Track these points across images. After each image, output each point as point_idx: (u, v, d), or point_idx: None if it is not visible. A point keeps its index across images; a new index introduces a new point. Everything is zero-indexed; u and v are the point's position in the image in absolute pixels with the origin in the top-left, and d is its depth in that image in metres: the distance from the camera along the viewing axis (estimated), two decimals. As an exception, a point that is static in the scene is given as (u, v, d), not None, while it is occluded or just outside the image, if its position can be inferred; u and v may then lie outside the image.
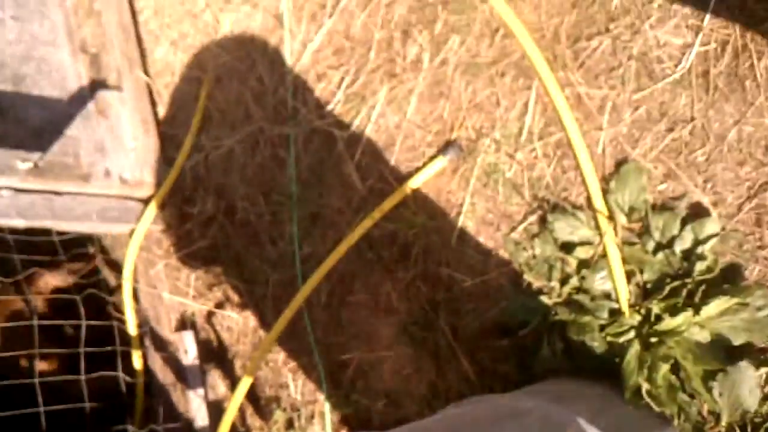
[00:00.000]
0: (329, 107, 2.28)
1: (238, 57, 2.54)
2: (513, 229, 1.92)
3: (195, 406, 2.51)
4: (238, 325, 2.41)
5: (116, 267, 2.64)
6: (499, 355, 1.90)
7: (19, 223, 2.36)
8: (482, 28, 2.05)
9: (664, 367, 1.61)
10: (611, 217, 1.76)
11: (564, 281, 1.80)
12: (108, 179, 2.50)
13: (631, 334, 1.69)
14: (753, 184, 1.70)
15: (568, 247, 1.80)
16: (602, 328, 1.72)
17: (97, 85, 2.82)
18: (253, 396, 2.44)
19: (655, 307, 1.66)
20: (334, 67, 2.30)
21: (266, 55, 2.47)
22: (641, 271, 1.72)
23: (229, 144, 2.47)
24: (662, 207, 1.75)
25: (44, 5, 3.11)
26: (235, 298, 2.42)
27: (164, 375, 2.62)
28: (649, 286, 1.72)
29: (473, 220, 1.98)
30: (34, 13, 3.11)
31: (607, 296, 1.75)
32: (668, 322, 1.63)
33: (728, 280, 1.69)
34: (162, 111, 2.72)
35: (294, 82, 2.38)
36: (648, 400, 1.66)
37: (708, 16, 1.73)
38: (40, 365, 2.39)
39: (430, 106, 2.10)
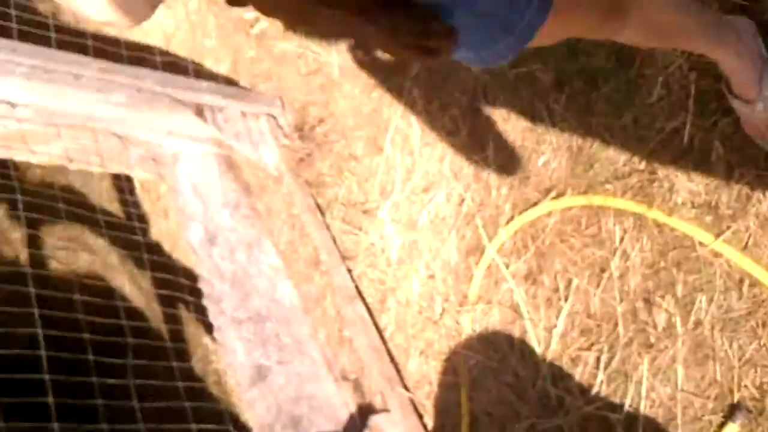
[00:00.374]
0: (594, 390, 2.28)
1: (487, 355, 2.64)
2: (842, 489, 1.77)
3: None
4: None
5: None
6: None
7: None
8: (725, 282, 2.03)
9: None
10: None
11: None
12: (401, 507, 2.59)
13: None
14: None
15: None
16: None
17: (365, 411, 3.00)
18: None
19: None
20: (585, 348, 2.33)
21: (514, 348, 2.54)
22: None
23: (506, 447, 2.51)
24: None
25: (300, 343, 3.42)
26: None
27: None
28: None
29: (792, 488, 1.85)
30: (293, 353, 3.42)
31: None
32: None
33: None
34: (429, 423, 2.82)
35: (550, 370, 2.42)
36: None
37: None
38: None
39: (700, 371, 2.06)
